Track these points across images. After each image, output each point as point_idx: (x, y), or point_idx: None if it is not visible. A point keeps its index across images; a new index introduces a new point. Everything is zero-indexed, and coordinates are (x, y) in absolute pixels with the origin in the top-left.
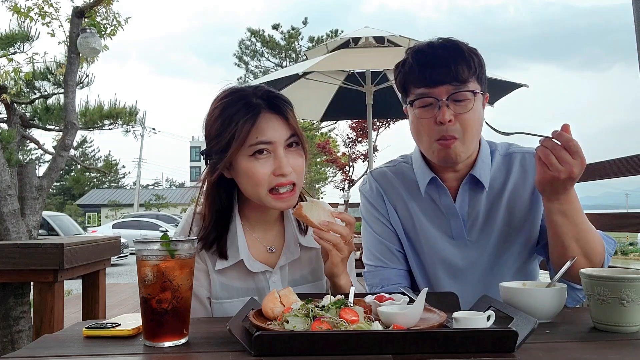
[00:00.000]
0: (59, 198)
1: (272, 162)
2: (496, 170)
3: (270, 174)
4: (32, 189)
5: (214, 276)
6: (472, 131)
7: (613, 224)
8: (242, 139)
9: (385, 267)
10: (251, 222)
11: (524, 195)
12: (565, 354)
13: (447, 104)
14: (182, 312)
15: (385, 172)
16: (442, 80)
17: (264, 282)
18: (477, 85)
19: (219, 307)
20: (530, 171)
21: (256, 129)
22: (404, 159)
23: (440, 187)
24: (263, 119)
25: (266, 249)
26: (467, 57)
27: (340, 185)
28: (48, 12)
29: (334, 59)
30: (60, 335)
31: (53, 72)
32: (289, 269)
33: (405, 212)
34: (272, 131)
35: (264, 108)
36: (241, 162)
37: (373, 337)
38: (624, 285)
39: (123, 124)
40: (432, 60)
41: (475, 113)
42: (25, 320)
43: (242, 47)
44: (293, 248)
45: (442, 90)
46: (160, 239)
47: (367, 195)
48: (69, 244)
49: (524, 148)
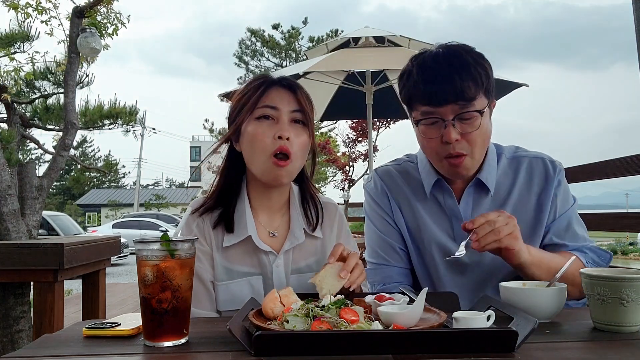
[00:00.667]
0: (59, 198)
1: (275, 126)
2: (502, 173)
3: (272, 136)
4: (32, 189)
5: (218, 259)
6: (481, 147)
7: (613, 224)
8: (252, 103)
9: (387, 265)
10: (257, 207)
11: (529, 200)
12: (565, 354)
13: (452, 124)
14: (182, 312)
15: (390, 171)
16: (447, 99)
17: (267, 266)
18: (484, 100)
19: (224, 288)
20: (536, 176)
21: (265, 96)
22: (409, 158)
23: (445, 189)
24: (273, 90)
25: (269, 234)
26: (474, 72)
27: (340, 185)
28: (46, 7)
29: (334, 59)
30: (60, 335)
31: (53, 71)
32: (294, 255)
33: (409, 211)
34: (279, 100)
35: (276, 83)
36: (248, 127)
37: (373, 337)
38: (624, 285)
39: (123, 123)
40: (438, 77)
41: (483, 130)
42: (25, 320)
43: (242, 46)
44: (298, 233)
45: (447, 110)
46: (160, 239)
47: (372, 193)
48: (69, 243)
49: (530, 152)
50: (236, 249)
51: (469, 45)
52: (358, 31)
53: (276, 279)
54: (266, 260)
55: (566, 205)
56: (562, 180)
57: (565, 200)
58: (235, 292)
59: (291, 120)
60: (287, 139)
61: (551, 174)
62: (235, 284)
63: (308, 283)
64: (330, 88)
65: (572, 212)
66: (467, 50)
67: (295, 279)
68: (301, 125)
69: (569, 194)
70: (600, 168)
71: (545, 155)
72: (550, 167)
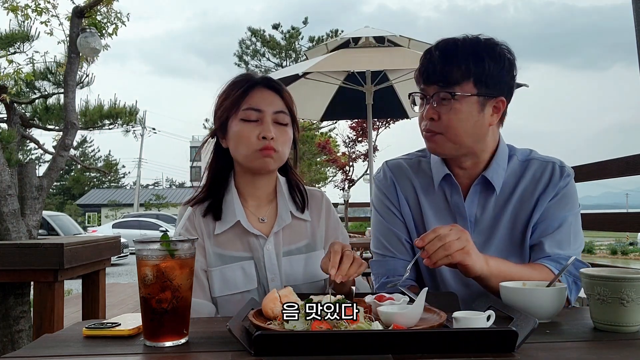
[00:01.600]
0: (59, 198)
1: (259, 127)
2: (511, 174)
3: (256, 136)
4: (32, 189)
5: (210, 246)
6: (454, 130)
7: (613, 224)
8: (238, 104)
9: (393, 258)
10: (245, 196)
11: (530, 201)
12: (565, 354)
13: (432, 102)
14: (182, 312)
15: (400, 164)
16: (432, 80)
17: (259, 249)
18: (472, 88)
19: (217, 274)
20: (542, 179)
21: (249, 97)
22: (422, 153)
23: (453, 185)
24: (257, 91)
25: (258, 219)
26: (461, 58)
27: (340, 185)
28: (45, 8)
29: (334, 59)
30: (60, 335)
31: (53, 72)
32: (283, 238)
33: (416, 205)
34: (262, 101)
35: (260, 84)
36: (233, 127)
37: (373, 337)
38: (624, 285)
39: (123, 123)
40: (431, 60)
41: (458, 114)
42: (25, 320)
43: (242, 46)
44: (285, 216)
45: (431, 89)
46: (160, 239)
47: (381, 184)
48: (69, 243)
49: (543, 156)
50: (227, 235)
51: (488, 39)
52: (358, 31)
53: (267, 261)
54: (257, 243)
55: (564, 210)
56: (568, 185)
57: (565, 204)
58: (229, 276)
59: (274, 121)
60: (271, 139)
61: (557, 177)
62: (228, 269)
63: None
64: (330, 88)
65: (569, 219)
66: (475, 41)
67: (286, 262)
68: (284, 126)
69: (573, 201)
70: (600, 168)
71: (557, 160)
72: (558, 171)
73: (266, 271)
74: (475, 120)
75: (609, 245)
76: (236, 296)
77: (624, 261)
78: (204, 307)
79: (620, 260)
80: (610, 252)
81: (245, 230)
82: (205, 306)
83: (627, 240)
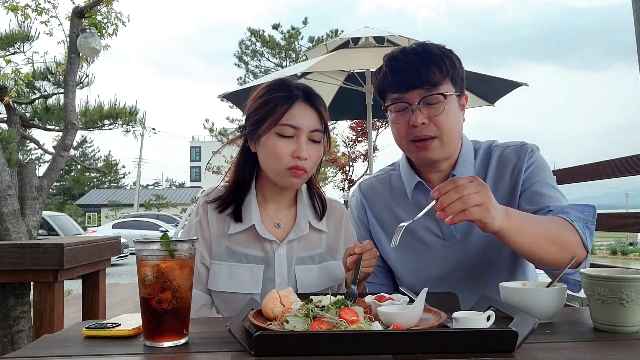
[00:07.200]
0: (59, 198)
1: (294, 144)
2: (479, 168)
3: (289, 154)
4: (32, 189)
5: (222, 243)
6: (449, 132)
7: (613, 224)
8: (276, 117)
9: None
10: (265, 199)
11: (502, 189)
12: (565, 354)
13: (419, 108)
14: (182, 312)
15: (373, 183)
16: (413, 85)
17: (270, 253)
18: (451, 88)
19: (226, 268)
20: (508, 165)
21: (290, 112)
22: (392, 167)
23: (426, 190)
24: (297, 106)
25: (275, 224)
26: (438, 60)
27: (340, 185)
28: (45, 8)
29: (334, 59)
30: (60, 335)
31: (53, 72)
32: (297, 247)
33: (392, 219)
34: (301, 118)
35: (301, 98)
36: (269, 137)
37: (373, 337)
38: (624, 285)
39: (123, 124)
40: (404, 65)
41: (449, 114)
42: (25, 320)
43: (242, 47)
44: (303, 225)
45: (414, 95)
46: (160, 239)
47: (353, 206)
48: (69, 244)
49: (505, 143)
50: (241, 236)
51: (439, 43)
52: (358, 31)
53: (277, 265)
54: (269, 248)
55: (538, 175)
56: (535, 157)
57: (537, 172)
58: (235, 274)
59: (310, 139)
60: (304, 159)
61: (522, 155)
62: (237, 267)
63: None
64: (330, 88)
65: (545, 179)
66: (435, 45)
67: (298, 270)
68: (317, 144)
69: (544, 168)
70: (600, 168)
71: (517, 142)
72: (521, 149)
73: (275, 275)
74: (459, 118)
75: (609, 246)
76: (239, 296)
77: (624, 261)
78: (199, 297)
79: (620, 260)
80: (610, 252)
81: (259, 235)
82: (201, 297)
83: (627, 240)
